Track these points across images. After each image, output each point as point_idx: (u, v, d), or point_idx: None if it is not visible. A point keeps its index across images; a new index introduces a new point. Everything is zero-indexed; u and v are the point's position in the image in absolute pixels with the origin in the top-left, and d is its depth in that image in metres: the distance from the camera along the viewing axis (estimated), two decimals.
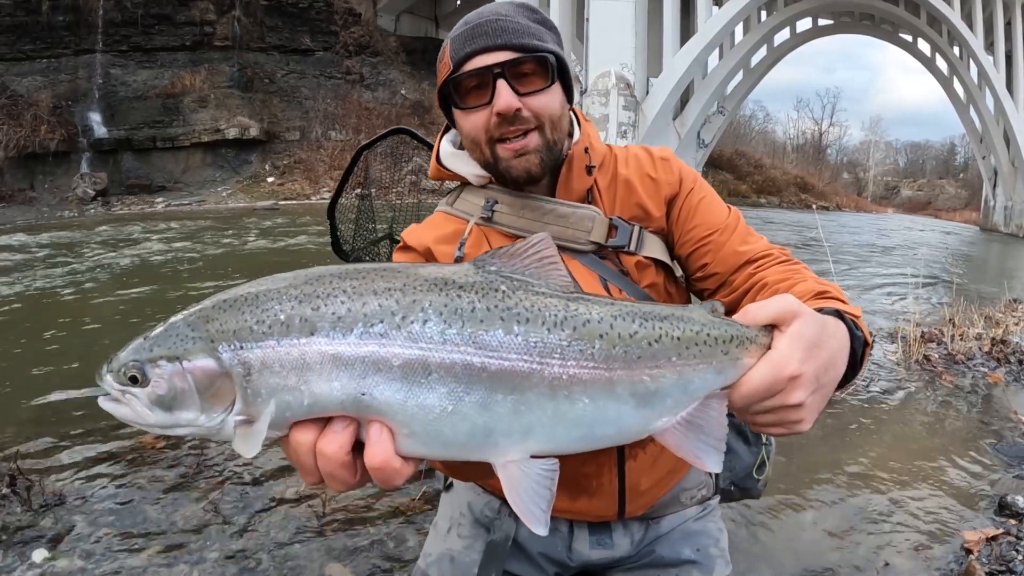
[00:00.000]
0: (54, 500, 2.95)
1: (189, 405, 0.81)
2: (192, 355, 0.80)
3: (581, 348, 0.84)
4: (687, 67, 28.59)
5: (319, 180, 27.77)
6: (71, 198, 24.63)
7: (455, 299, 0.83)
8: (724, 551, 1.61)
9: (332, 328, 0.79)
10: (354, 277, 0.83)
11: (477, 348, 0.81)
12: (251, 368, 0.79)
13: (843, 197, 56.73)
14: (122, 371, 0.82)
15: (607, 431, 0.89)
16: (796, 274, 1.31)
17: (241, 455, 0.81)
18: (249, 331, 0.79)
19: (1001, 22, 30.68)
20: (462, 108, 1.33)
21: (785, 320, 0.92)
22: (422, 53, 35.50)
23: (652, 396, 0.88)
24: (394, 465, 0.82)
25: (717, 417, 0.92)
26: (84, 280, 9.37)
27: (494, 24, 1.29)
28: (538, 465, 0.85)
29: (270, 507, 2.94)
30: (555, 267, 0.91)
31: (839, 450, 3.66)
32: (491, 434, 0.83)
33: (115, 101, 27.67)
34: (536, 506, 0.84)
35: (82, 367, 5.19)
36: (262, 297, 0.82)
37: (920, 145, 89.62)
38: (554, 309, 0.85)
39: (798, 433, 0.95)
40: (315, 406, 0.80)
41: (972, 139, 37.13)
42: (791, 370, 0.89)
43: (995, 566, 2.61)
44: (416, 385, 0.79)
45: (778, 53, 38.27)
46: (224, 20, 29.82)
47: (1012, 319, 6.61)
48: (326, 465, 0.83)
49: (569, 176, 1.41)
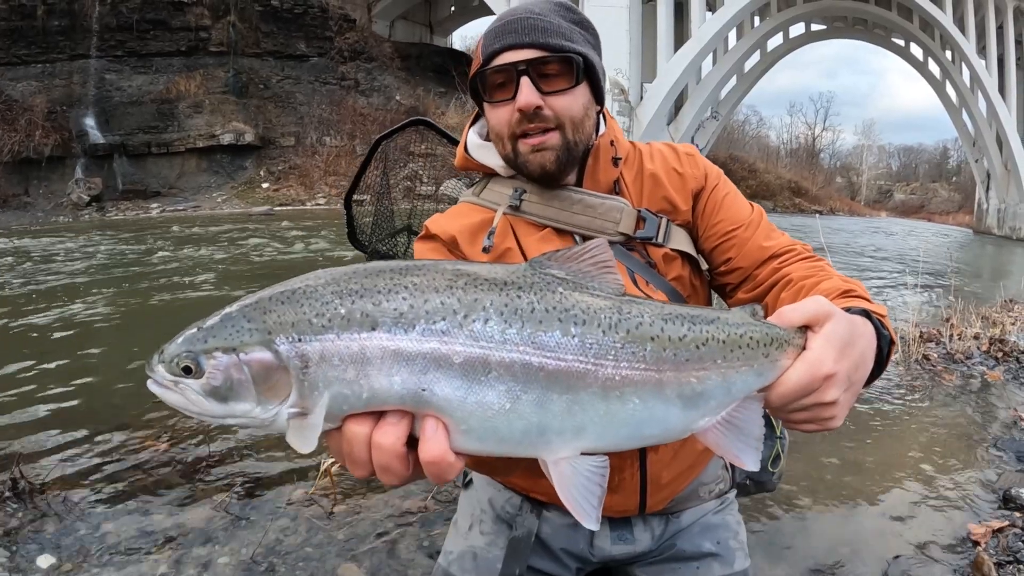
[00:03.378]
0: (58, 505, 2.92)
1: (245, 397, 0.81)
2: (249, 347, 0.80)
3: (634, 350, 0.86)
4: (681, 72, 28.75)
5: (314, 186, 27.75)
6: (66, 203, 24.53)
7: (515, 299, 0.84)
8: (743, 544, 1.62)
9: (394, 324, 0.79)
10: (414, 274, 0.84)
11: (536, 348, 0.82)
12: (309, 361, 0.79)
13: (837, 201, 57.05)
14: (175, 362, 0.82)
15: (654, 431, 0.91)
16: (821, 271, 1.33)
17: (296, 450, 0.81)
18: (308, 324, 0.79)
19: (993, 26, 30.88)
20: (489, 102, 1.36)
21: (818, 321, 0.95)
22: (417, 59, 35.57)
23: (698, 397, 0.91)
24: (448, 459, 0.82)
25: (754, 417, 0.95)
26: (75, 284, 9.34)
27: (525, 22, 1.30)
28: (589, 462, 0.87)
29: (279, 509, 2.93)
30: (610, 271, 0.93)
31: (844, 447, 3.69)
32: (545, 432, 0.84)
33: (110, 106, 27.57)
34: (587, 502, 0.86)
35: (74, 369, 5.18)
36: (321, 290, 0.81)
37: (913, 149, 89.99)
38: (608, 312, 0.87)
39: (830, 429, 0.98)
40: (373, 400, 0.81)
41: (965, 142, 37.32)
42: (826, 370, 0.92)
43: (1003, 557, 2.65)
44: (476, 383, 0.80)
45: (771, 58, 38.50)
46: (219, 25, 29.78)
47: (1009, 319, 6.69)
48: (381, 457, 0.83)
49: (596, 167, 1.42)
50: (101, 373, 5.08)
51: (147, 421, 3.98)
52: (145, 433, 3.79)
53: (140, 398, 4.38)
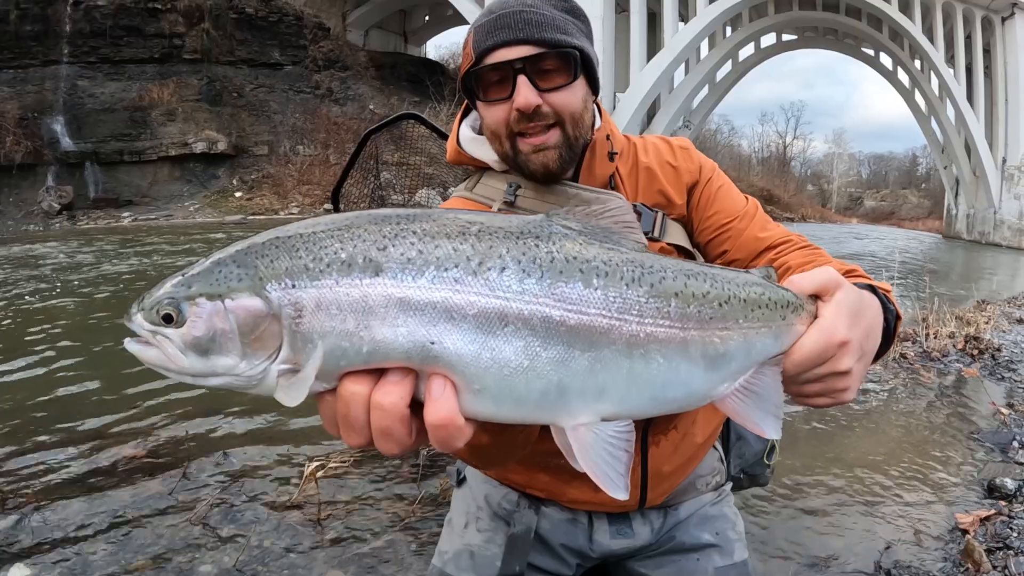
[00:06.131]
0: (33, 514, 2.84)
1: (229, 349, 0.73)
2: (236, 293, 0.73)
3: (658, 306, 0.81)
4: (654, 82, 29.07)
5: (288, 195, 27.53)
6: (36, 212, 24.07)
7: (533, 248, 0.77)
8: (741, 535, 1.63)
9: (401, 270, 0.72)
10: (423, 220, 0.77)
11: (556, 301, 0.76)
12: (303, 310, 0.72)
13: (808, 208, 57.96)
14: (155, 309, 0.74)
15: (676, 393, 0.86)
16: (819, 257, 1.34)
17: (283, 404, 0.74)
18: (304, 269, 0.72)
19: (962, 35, 31.60)
20: (483, 101, 1.32)
21: (828, 290, 0.95)
22: (391, 68, 35.54)
23: (720, 358, 0.87)
24: (458, 422, 0.74)
25: (773, 384, 0.92)
26: (43, 292, 9.16)
27: (518, 16, 1.26)
28: (612, 427, 0.81)
29: (263, 515, 2.86)
30: (632, 230, 0.87)
31: (831, 444, 3.74)
32: (565, 393, 0.77)
33: (82, 113, 27.09)
34: (613, 470, 0.79)
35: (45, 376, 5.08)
36: (320, 234, 0.74)
37: (883, 156, 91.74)
38: (631, 264, 0.81)
39: (843, 402, 0.97)
40: (375, 354, 0.73)
41: (934, 150, 38.13)
42: (840, 336, 0.91)
43: (992, 543, 2.70)
44: (491, 336, 0.73)
45: (743, 68, 39.07)
46: (193, 33, 29.47)
47: (982, 318, 6.86)
48: (382, 420, 0.74)
49: (592, 162, 1.40)
50: (73, 380, 4.97)
51: (123, 429, 3.89)
52: (121, 441, 3.70)
53: (115, 404, 4.30)
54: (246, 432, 3.81)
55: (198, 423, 3.88)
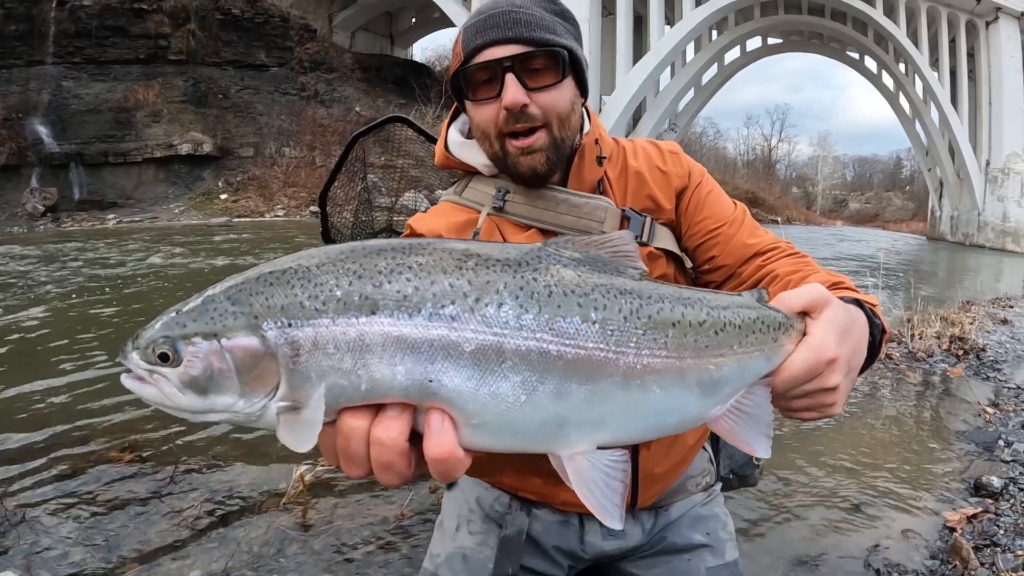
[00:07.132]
0: (21, 521, 2.81)
1: (227, 388, 0.73)
2: (232, 332, 0.72)
3: (655, 336, 0.81)
4: (640, 85, 29.17)
5: (273, 197, 27.43)
6: (20, 213, 23.85)
7: (531, 281, 0.77)
8: (732, 535, 1.64)
9: (397, 307, 0.72)
10: (419, 253, 0.76)
11: (554, 335, 0.76)
12: (300, 349, 0.71)
13: (793, 211, 58.36)
14: (150, 348, 0.74)
15: (672, 420, 0.87)
16: (807, 266, 1.35)
17: (291, 448, 0.73)
18: (299, 307, 0.72)
19: (946, 39, 31.90)
20: (472, 100, 1.33)
21: (817, 307, 0.96)
22: (377, 70, 35.49)
23: (715, 384, 0.87)
24: (458, 455, 0.75)
25: (763, 403, 0.93)
26: (28, 294, 9.07)
27: (507, 15, 1.27)
28: (607, 456, 0.81)
29: (251, 520, 2.84)
30: (631, 259, 0.88)
31: (818, 445, 3.76)
32: (563, 425, 0.78)
33: (67, 114, 26.90)
34: (609, 500, 0.80)
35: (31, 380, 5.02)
36: (315, 270, 0.74)
37: (868, 159, 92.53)
38: (629, 296, 0.82)
39: (830, 416, 0.99)
40: (373, 392, 0.73)
41: (918, 152, 38.46)
42: (829, 354, 0.92)
43: (980, 541, 2.73)
44: (489, 373, 0.74)
45: (728, 71, 39.28)
46: (179, 34, 29.34)
47: (967, 319, 6.93)
48: (382, 454, 0.75)
49: (581, 167, 1.41)
50: (60, 384, 4.92)
51: (110, 434, 3.86)
52: (108, 446, 3.66)
53: (101, 410, 4.27)
54: (235, 436, 3.79)
55: (187, 427, 3.85)
